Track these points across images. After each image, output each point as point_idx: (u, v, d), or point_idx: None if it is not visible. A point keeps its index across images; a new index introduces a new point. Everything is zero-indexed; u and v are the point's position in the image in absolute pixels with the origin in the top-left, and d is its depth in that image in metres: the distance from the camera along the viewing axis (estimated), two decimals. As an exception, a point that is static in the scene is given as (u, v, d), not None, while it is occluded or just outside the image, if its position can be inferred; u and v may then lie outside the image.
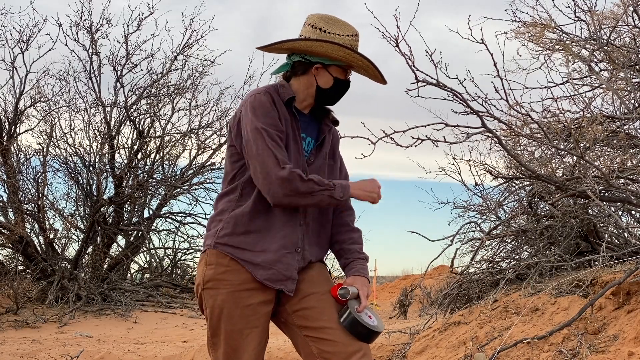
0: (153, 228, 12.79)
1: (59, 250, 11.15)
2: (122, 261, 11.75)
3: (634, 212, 5.26)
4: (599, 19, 5.05)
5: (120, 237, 12.15)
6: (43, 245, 10.96)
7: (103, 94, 11.54)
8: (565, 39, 5.17)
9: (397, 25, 3.79)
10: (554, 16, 5.21)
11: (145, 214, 12.56)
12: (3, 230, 10.36)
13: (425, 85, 3.95)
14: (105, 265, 11.66)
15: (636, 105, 4.76)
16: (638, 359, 2.89)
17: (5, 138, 10.67)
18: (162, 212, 12.57)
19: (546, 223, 5.02)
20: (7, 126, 10.83)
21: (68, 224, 11.16)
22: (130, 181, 11.53)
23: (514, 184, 5.32)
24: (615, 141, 4.48)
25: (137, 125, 11.64)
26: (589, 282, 3.80)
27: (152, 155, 12.11)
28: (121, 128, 11.54)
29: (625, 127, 4.64)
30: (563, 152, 4.67)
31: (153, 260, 13.67)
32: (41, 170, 11.08)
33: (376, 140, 3.94)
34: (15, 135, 10.95)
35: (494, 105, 4.32)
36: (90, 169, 11.51)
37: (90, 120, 11.63)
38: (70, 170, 11.55)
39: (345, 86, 2.20)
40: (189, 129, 12.02)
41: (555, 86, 5.22)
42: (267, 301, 2.13)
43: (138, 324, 9.38)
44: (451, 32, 4.36)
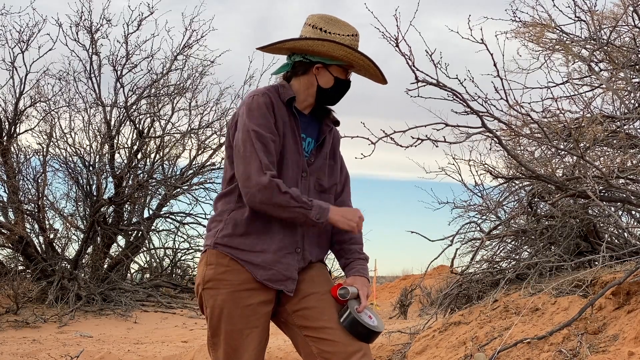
0: (153, 228, 12.80)
1: (59, 250, 11.15)
2: (122, 261, 11.75)
3: (634, 212, 5.26)
4: (599, 19, 5.05)
5: (120, 237, 12.15)
6: (43, 245, 10.96)
7: (103, 94, 11.56)
8: (565, 39, 5.17)
9: (397, 25, 3.79)
10: (554, 16, 5.22)
11: (145, 214, 12.57)
12: (3, 230, 10.35)
13: (425, 85, 3.95)
14: (105, 265, 11.66)
15: (636, 105, 4.76)
16: (638, 359, 2.89)
17: (5, 138, 10.67)
18: (162, 212, 12.57)
19: (546, 223, 5.02)
20: (7, 126, 10.83)
21: (68, 224, 11.16)
22: (130, 181, 11.52)
23: (514, 184, 5.31)
24: (615, 141, 4.48)
25: (137, 125, 11.64)
26: (589, 282, 3.80)
27: (152, 155, 12.12)
28: (121, 128, 11.54)
29: (625, 127, 4.64)
30: (563, 152, 4.67)
31: (153, 260, 13.67)
32: (41, 170, 11.09)
33: (376, 140, 3.94)
34: (15, 135, 10.95)
35: (494, 105, 4.33)
36: (90, 169, 11.50)
37: (90, 120, 11.65)
38: (70, 170, 11.56)
39: (346, 86, 2.21)
40: (189, 129, 12.03)
41: (555, 86, 5.22)
42: (267, 301, 2.13)
43: (138, 324, 9.38)
44: (451, 32, 4.36)
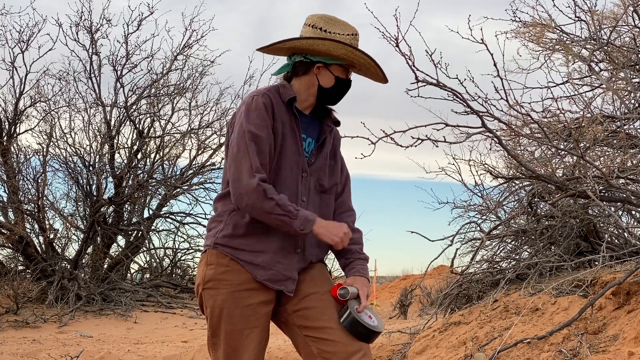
0: (153, 228, 12.79)
1: (59, 250, 11.14)
2: (122, 261, 11.75)
3: (634, 212, 5.26)
4: (599, 19, 5.05)
5: (120, 237, 12.15)
6: (43, 245, 10.96)
7: (103, 94, 11.55)
8: (565, 39, 5.17)
9: (397, 25, 3.79)
10: (554, 16, 5.22)
11: (145, 214, 12.56)
12: (3, 230, 10.35)
13: (425, 85, 3.94)
14: (105, 265, 11.66)
15: (636, 105, 4.75)
16: (638, 359, 2.89)
17: (5, 138, 10.67)
18: (162, 212, 12.57)
19: (546, 223, 5.02)
20: (7, 126, 10.83)
21: (68, 224, 11.16)
22: (130, 181, 11.52)
23: (514, 184, 5.31)
24: (615, 141, 4.48)
25: (137, 125, 11.63)
26: (589, 282, 3.80)
27: (152, 155, 12.11)
28: (121, 128, 11.54)
29: (625, 127, 4.64)
30: (563, 152, 4.67)
31: (153, 260, 13.66)
32: (41, 170, 11.08)
33: (376, 140, 3.94)
34: (15, 135, 10.95)
35: (494, 105, 4.32)
36: (90, 169, 11.50)
37: (90, 120, 11.64)
38: (70, 170, 11.56)
39: (346, 85, 2.21)
40: (189, 129, 12.02)
41: (555, 86, 5.22)
42: (267, 301, 2.13)
43: (138, 324, 9.38)
44: (451, 32, 4.36)
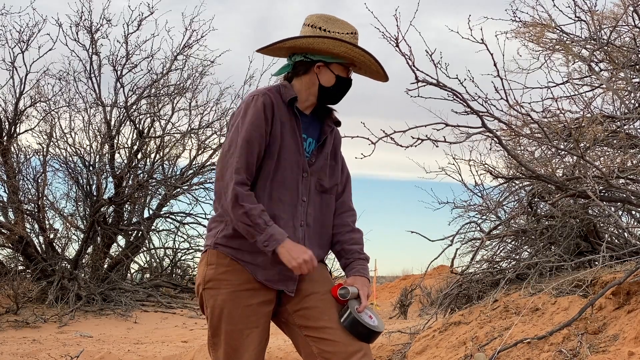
0: (153, 228, 12.80)
1: (59, 250, 11.14)
2: (122, 261, 11.75)
3: (634, 212, 5.26)
4: (599, 19, 5.05)
5: (120, 237, 12.15)
6: (43, 245, 10.96)
7: (103, 94, 11.54)
8: (565, 39, 5.17)
9: (397, 25, 3.79)
10: (554, 16, 5.22)
11: (145, 214, 12.57)
12: (3, 230, 10.35)
13: (425, 85, 3.94)
14: (105, 265, 11.66)
15: (636, 105, 4.76)
16: (638, 359, 2.89)
17: (5, 138, 10.67)
18: (162, 212, 12.57)
19: (546, 223, 5.02)
20: (7, 126, 10.83)
21: (68, 224, 11.16)
22: (130, 181, 11.52)
23: (514, 184, 5.31)
24: (615, 141, 4.48)
25: (137, 125, 11.63)
26: (589, 282, 3.80)
27: (152, 155, 12.11)
28: (121, 128, 11.54)
29: (625, 127, 4.64)
30: (563, 152, 4.67)
31: (153, 260, 13.67)
32: (41, 170, 11.08)
33: (376, 140, 3.94)
34: (15, 135, 10.95)
35: (494, 105, 4.32)
36: (90, 169, 11.50)
37: (90, 120, 11.64)
38: (70, 170, 11.56)
39: (347, 84, 2.21)
40: (189, 129, 12.02)
41: (555, 86, 5.22)
42: (268, 301, 2.13)
43: (138, 324, 9.38)
44: (451, 32, 4.36)
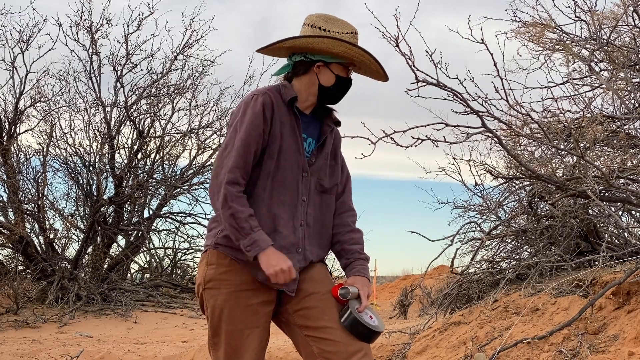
0: (153, 228, 12.80)
1: (59, 250, 11.15)
2: (122, 261, 11.75)
3: (634, 212, 5.26)
4: (599, 19, 5.05)
5: (120, 237, 12.16)
6: (43, 245, 10.96)
7: (103, 94, 11.55)
8: (565, 39, 5.17)
9: (397, 25, 3.79)
10: (554, 16, 5.22)
11: (145, 214, 12.57)
12: (3, 230, 10.35)
13: (425, 85, 3.94)
14: (105, 265, 11.66)
15: (636, 105, 4.76)
16: (638, 359, 2.89)
17: (5, 138, 10.67)
18: (162, 212, 12.57)
19: (546, 223, 5.02)
20: (7, 126, 10.83)
21: (68, 224, 11.16)
22: (130, 181, 11.53)
23: (514, 184, 5.31)
24: (615, 141, 4.48)
25: (137, 125, 11.63)
26: (589, 282, 3.80)
27: (152, 155, 12.12)
28: (121, 128, 11.54)
29: (625, 127, 4.64)
30: (563, 152, 4.67)
31: (153, 260, 13.67)
32: (41, 170, 11.08)
33: (376, 140, 3.94)
34: (15, 135, 10.95)
35: (494, 105, 4.32)
36: (90, 169, 11.50)
37: (90, 120, 11.65)
38: (70, 170, 11.56)
39: (347, 84, 2.21)
40: (189, 129, 12.03)
41: (555, 86, 5.22)
42: (268, 301, 2.13)
43: (138, 324, 9.38)
44: (451, 32, 4.36)
